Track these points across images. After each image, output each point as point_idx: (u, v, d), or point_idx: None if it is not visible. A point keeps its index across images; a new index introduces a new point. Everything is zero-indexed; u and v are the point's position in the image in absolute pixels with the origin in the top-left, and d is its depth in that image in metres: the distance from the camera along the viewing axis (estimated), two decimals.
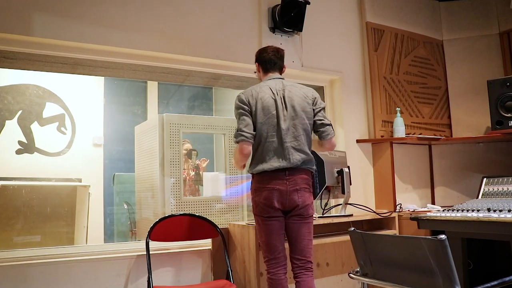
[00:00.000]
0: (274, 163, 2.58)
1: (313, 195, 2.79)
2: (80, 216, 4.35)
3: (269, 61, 2.80)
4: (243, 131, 2.61)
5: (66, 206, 4.30)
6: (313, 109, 2.73)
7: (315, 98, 2.76)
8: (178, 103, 6.17)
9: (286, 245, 2.69)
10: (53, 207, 4.22)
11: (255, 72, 2.93)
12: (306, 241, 2.65)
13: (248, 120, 2.64)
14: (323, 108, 2.77)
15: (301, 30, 3.74)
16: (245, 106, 2.65)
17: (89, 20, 3.03)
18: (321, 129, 2.73)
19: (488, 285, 1.80)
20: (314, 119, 2.73)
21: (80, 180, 4.75)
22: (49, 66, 3.10)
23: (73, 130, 5.03)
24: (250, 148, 2.65)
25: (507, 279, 1.86)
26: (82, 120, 5.11)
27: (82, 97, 5.11)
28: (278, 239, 2.63)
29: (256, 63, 2.88)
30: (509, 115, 3.90)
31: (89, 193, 4.52)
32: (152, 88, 5.75)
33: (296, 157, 2.60)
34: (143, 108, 5.79)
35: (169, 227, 3.11)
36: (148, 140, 4.12)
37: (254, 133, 2.64)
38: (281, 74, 2.84)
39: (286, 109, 2.65)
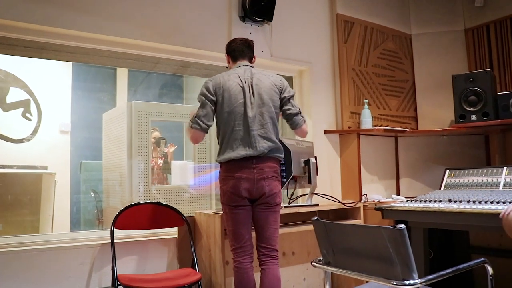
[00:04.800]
0: (241, 152, 2.59)
1: (281, 184, 2.81)
2: (46, 205, 4.27)
3: (237, 50, 2.83)
4: (201, 120, 2.64)
5: (30, 194, 4.21)
6: (281, 98, 2.75)
7: (283, 86, 2.77)
8: (148, 91, 6.09)
9: (253, 233, 2.71)
10: (16, 195, 4.13)
11: (227, 67, 2.94)
12: (272, 229, 2.68)
13: (209, 109, 2.66)
14: (292, 96, 2.78)
15: (271, 20, 3.73)
16: (210, 96, 2.66)
17: (54, 3, 2.95)
18: (289, 120, 2.78)
19: (443, 272, 1.85)
20: (283, 108, 2.75)
21: (45, 168, 4.65)
22: (11, 49, 3.00)
23: (39, 117, 4.92)
24: (203, 137, 2.70)
25: (461, 266, 1.93)
26: (48, 106, 4.99)
27: (48, 83, 5.00)
28: (245, 228, 2.65)
29: (226, 55, 2.90)
30: (471, 109, 4.00)
31: (55, 181, 4.44)
32: (122, 75, 5.67)
33: (263, 145, 2.61)
34: (112, 95, 5.71)
35: (135, 216, 3.09)
36: (116, 128, 4.07)
37: (211, 124, 2.67)
38: (250, 63, 2.85)
39: (253, 97, 2.66)
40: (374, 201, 3.96)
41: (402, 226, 1.74)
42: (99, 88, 5.71)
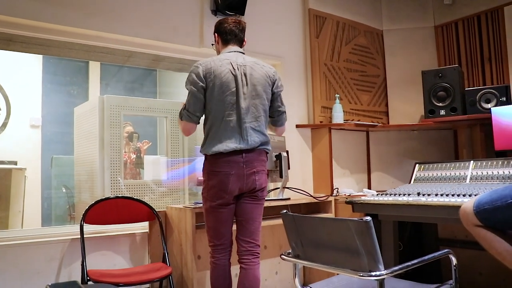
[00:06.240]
0: (230, 144, 2.45)
1: None
2: (15, 201, 4.20)
3: (230, 32, 2.64)
4: (189, 111, 2.50)
5: None
6: (273, 91, 2.65)
7: (276, 79, 2.67)
8: (121, 85, 6.04)
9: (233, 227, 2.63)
10: None
11: (212, 44, 2.79)
12: (257, 223, 2.59)
13: (199, 98, 2.49)
14: (281, 91, 2.71)
15: (243, 14, 3.73)
16: (200, 82, 2.48)
17: None
18: (277, 115, 2.71)
19: (409, 263, 1.89)
20: (273, 103, 2.67)
21: (15, 163, 4.57)
22: None
23: (7, 110, 4.83)
24: (194, 128, 2.56)
25: (426, 257, 1.97)
26: (18, 99, 4.91)
27: (18, 75, 4.91)
28: (226, 226, 2.55)
29: (215, 34, 2.71)
30: (440, 104, 4.08)
31: (25, 176, 4.37)
32: (94, 68, 5.60)
33: (255, 139, 2.50)
34: (84, 88, 5.64)
35: (105, 210, 3.06)
36: (88, 122, 4.02)
37: (202, 114, 2.53)
38: (241, 48, 2.69)
39: (247, 87, 2.52)
40: (345, 195, 4.01)
41: (368, 218, 1.77)
42: (71, 81, 5.63)
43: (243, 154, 2.49)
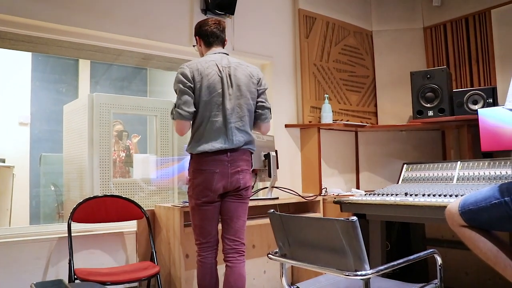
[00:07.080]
0: (216, 144, 2.50)
1: None
2: (3, 199, 4.17)
3: (212, 35, 2.69)
4: (181, 108, 2.50)
5: None
6: (257, 90, 2.68)
7: (260, 78, 2.71)
8: (111, 83, 6.02)
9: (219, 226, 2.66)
10: None
11: (194, 45, 2.83)
12: (242, 221, 2.63)
13: (188, 97, 2.51)
14: (266, 90, 2.74)
15: (233, 14, 3.74)
16: (187, 82, 2.52)
17: None
18: (261, 111, 2.71)
19: (394, 263, 1.91)
20: (257, 99, 2.70)
21: (3, 161, 4.54)
22: None
23: None
24: (188, 126, 2.56)
25: (411, 257, 1.99)
26: (6, 97, 4.87)
27: (6, 73, 4.87)
28: (212, 224, 2.59)
29: (197, 37, 2.76)
30: (428, 105, 4.11)
31: (13, 174, 4.34)
32: (84, 66, 5.57)
33: (239, 139, 2.55)
34: (74, 86, 5.61)
35: (93, 209, 3.05)
36: (77, 120, 4.01)
37: (193, 110, 2.53)
38: (223, 48, 2.75)
39: (232, 88, 2.56)
40: (333, 194, 4.02)
41: (354, 218, 1.78)
42: (60, 79, 5.60)
43: (228, 153, 2.53)
